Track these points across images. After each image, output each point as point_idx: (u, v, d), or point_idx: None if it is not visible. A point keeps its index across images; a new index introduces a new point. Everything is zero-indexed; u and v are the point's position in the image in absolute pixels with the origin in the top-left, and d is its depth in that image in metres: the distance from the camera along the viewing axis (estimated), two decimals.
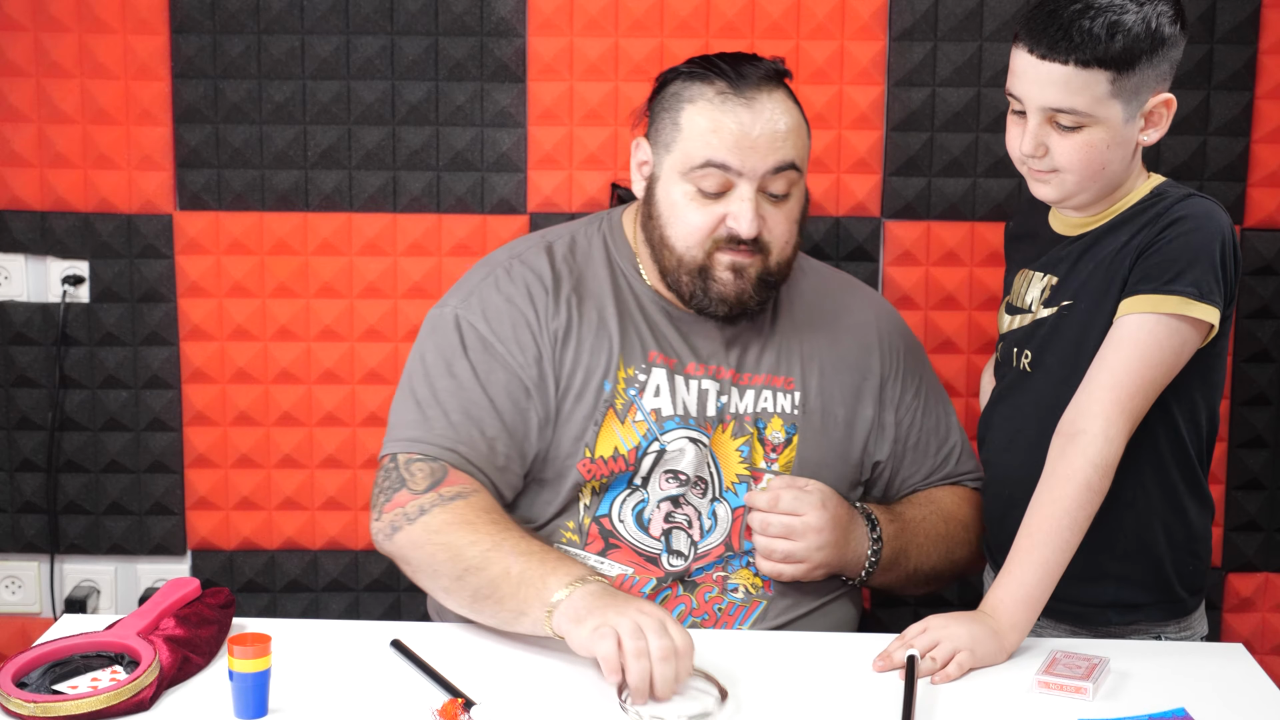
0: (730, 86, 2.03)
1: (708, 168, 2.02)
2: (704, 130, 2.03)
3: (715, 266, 2.06)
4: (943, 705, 1.78)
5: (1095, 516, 1.90)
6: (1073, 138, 1.93)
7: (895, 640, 1.88)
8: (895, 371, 2.21)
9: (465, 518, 1.96)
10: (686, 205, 2.05)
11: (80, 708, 1.70)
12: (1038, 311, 2.05)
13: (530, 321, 2.09)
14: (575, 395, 2.08)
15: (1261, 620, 2.79)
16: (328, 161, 2.67)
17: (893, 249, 2.70)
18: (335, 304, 2.71)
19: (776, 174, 2.03)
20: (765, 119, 2.02)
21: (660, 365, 2.11)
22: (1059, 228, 2.08)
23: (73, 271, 2.70)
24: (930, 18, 2.62)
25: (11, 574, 2.81)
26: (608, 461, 2.08)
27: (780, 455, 2.12)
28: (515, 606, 1.89)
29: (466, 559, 1.93)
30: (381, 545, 2.05)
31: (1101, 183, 1.97)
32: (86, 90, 2.64)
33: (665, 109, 2.09)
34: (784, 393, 2.14)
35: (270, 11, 2.61)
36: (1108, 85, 1.89)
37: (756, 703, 1.79)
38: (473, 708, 1.73)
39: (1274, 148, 2.65)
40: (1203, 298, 1.89)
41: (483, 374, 2.07)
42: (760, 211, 2.03)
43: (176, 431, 2.74)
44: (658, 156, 2.09)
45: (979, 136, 2.65)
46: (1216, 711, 1.77)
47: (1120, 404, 1.89)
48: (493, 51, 2.63)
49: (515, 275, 2.14)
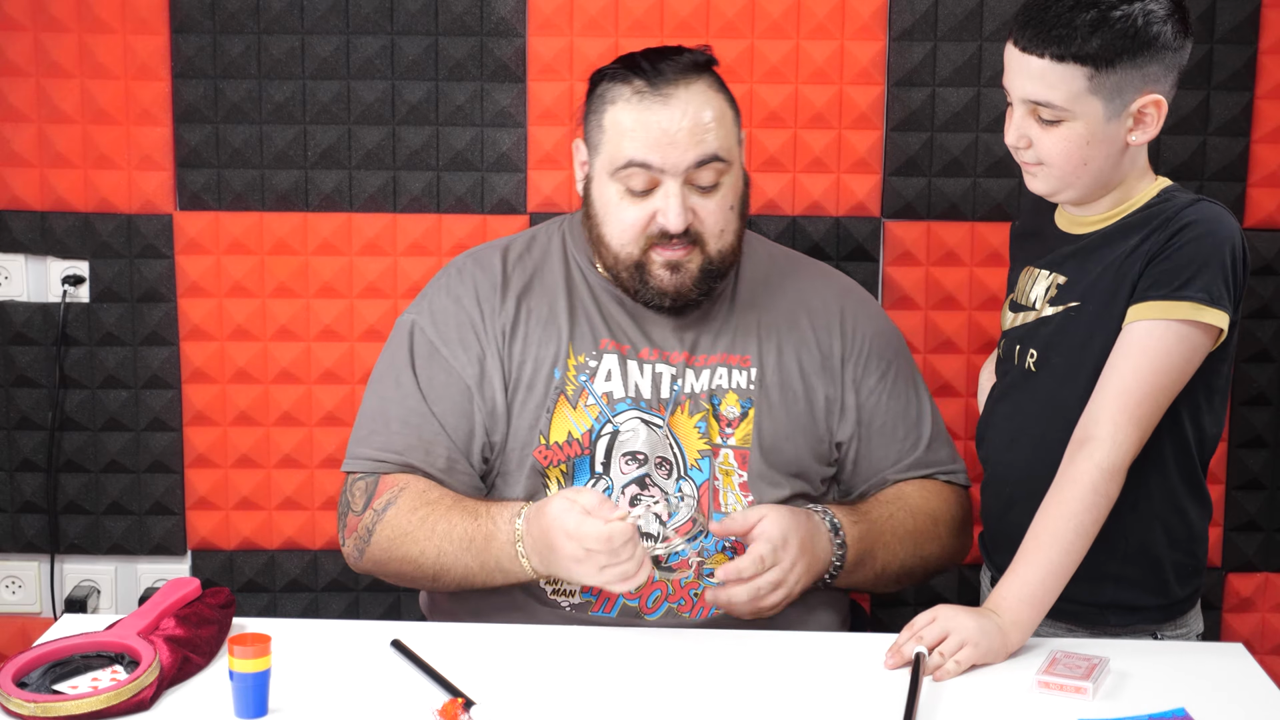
0: (647, 84, 2.06)
1: (631, 167, 2.06)
2: (625, 130, 2.06)
3: (651, 264, 2.10)
4: (943, 705, 1.78)
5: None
6: (1053, 131, 1.94)
7: (904, 631, 1.89)
8: (858, 353, 2.22)
9: (400, 528, 2.08)
10: (618, 204, 2.09)
11: (80, 708, 1.70)
12: (1042, 309, 2.06)
13: (475, 321, 2.16)
14: (526, 386, 2.14)
15: (1261, 620, 2.79)
16: (328, 161, 2.67)
17: (893, 249, 2.70)
18: (335, 304, 2.71)
19: (700, 167, 2.06)
20: (683, 114, 2.05)
21: (612, 351, 2.15)
22: (1065, 226, 2.08)
23: (73, 271, 2.70)
24: (930, 18, 2.62)
25: (11, 574, 2.81)
26: (562, 446, 2.12)
27: (736, 429, 2.15)
28: (495, 578, 2.06)
29: (426, 568, 2.08)
30: (356, 568, 2.18)
31: (1087, 179, 1.97)
32: (86, 90, 2.64)
33: (593, 111, 2.13)
34: (739, 369, 2.17)
35: (270, 11, 2.61)
36: (1085, 81, 1.90)
37: (757, 703, 1.79)
38: (473, 708, 1.73)
39: (1274, 148, 2.65)
40: (1213, 303, 1.90)
41: (424, 381, 2.15)
42: (689, 204, 2.06)
43: (176, 431, 2.74)
44: (591, 157, 2.14)
45: (979, 136, 2.65)
46: (1216, 711, 1.77)
47: (1128, 410, 1.90)
48: (493, 51, 2.63)
49: (466, 275, 2.21)
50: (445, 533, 2.05)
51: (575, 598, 2.09)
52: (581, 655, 1.92)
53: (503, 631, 2.00)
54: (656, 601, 2.09)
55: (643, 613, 2.09)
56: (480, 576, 2.06)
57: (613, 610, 2.09)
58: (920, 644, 1.85)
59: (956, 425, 2.74)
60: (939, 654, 1.85)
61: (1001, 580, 1.93)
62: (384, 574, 2.15)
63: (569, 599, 2.10)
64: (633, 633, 2.01)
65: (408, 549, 2.07)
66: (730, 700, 1.79)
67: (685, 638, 1.97)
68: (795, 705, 1.79)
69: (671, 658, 1.91)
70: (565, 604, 2.10)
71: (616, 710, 1.76)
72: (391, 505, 2.09)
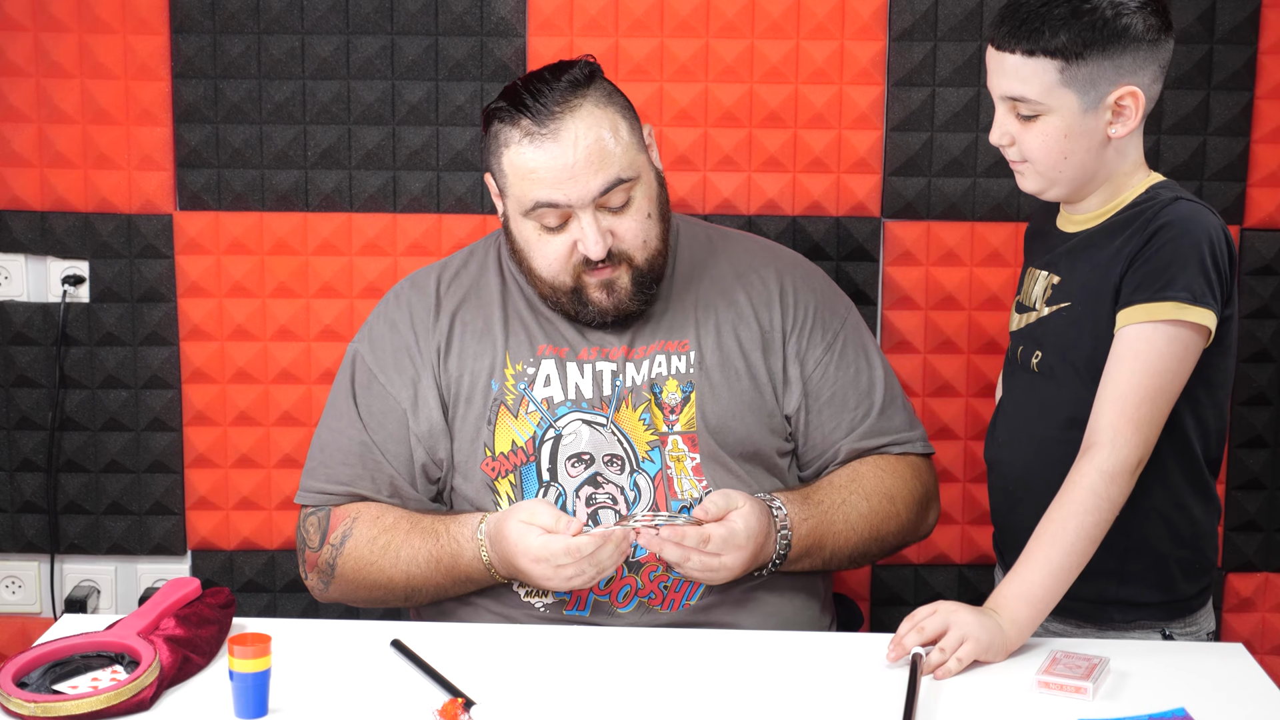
0: (534, 122, 2.05)
1: (540, 208, 2.07)
2: (524, 174, 2.06)
3: (586, 288, 2.12)
4: (943, 705, 1.78)
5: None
6: (1032, 127, 1.96)
7: (905, 622, 1.89)
8: (800, 325, 2.22)
9: (362, 558, 2.13)
10: (538, 240, 2.11)
11: (80, 708, 1.70)
12: (1040, 309, 2.07)
13: (409, 345, 2.20)
14: (465, 400, 2.17)
15: (1261, 620, 2.79)
16: (328, 161, 2.67)
17: (893, 249, 2.70)
18: (335, 304, 2.71)
19: (607, 193, 2.06)
20: (574, 146, 2.04)
21: (549, 356, 2.17)
22: (1063, 225, 2.10)
23: (73, 271, 2.70)
24: (930, 18, 2.62)
25: (11, 574, 2.81)
26: (508, 456, 2.15)
27: (680, 415, 2.15)
28: (469, 588, 2.12)
29: (398, 591, 2.14)
30: (323, 599, 2.22)
31: (1070, 172, 1.99)
32: (86, 90, 2.64)
33: (492, 153, 2.12)
34: (678, 355, 2.18)
35: (270, 11, 2.61)
36: (1056, 74, 1.92)
37: (757, 703, 1.79)
38: (473, 708, 1.73)
39: (1274, 148, 2.65)
40: (1196, 301, 1.91)
41: (364, 410, 2.20)
42: (604, 228, 2.07)
43: (176, 431, 2.74)
44: (502, 195, 2.15)
45: (979, 136, 2.65)
46: (1216, 711, 1.77)
47: (1127, 414, 1.90)
48: (493, 51, 2.63)
49: (402, 300, 2.26)
50: (410, 557, 2.11)
51: (549, 598, 2.11)
52: (581, 655, 1.92)
53: (503, 631, 2.01)
54: (627, 596, 2.11)
55: (614, 607, 2.10)
56: (453, 590, 2.13)
57: (585, 608, 2.10)
58: (921, 635, 1.86)
59: (956, 425, 2.74)
60: (939, 650, 1.85)
61: (1004, 580, 1.93)
62: (354, 601, 2.21)
63: (542, 599, 2.11)
64: (632, 633, 2.01)
65: (374, 577, 2.13)
66: (730, 700, 1.79)
67: (685, 638, 1.97)
68: (795, 705, 1.79)
69: (671, 658, 1.91)
70: (539, 604, 2.11)
71: (616, 710, 1.76)
72: (349, 538, 2.14)
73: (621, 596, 2.10)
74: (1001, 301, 2.70)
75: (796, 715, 1.76)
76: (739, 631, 2.03)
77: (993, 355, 2.72)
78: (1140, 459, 1.92)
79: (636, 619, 2.10)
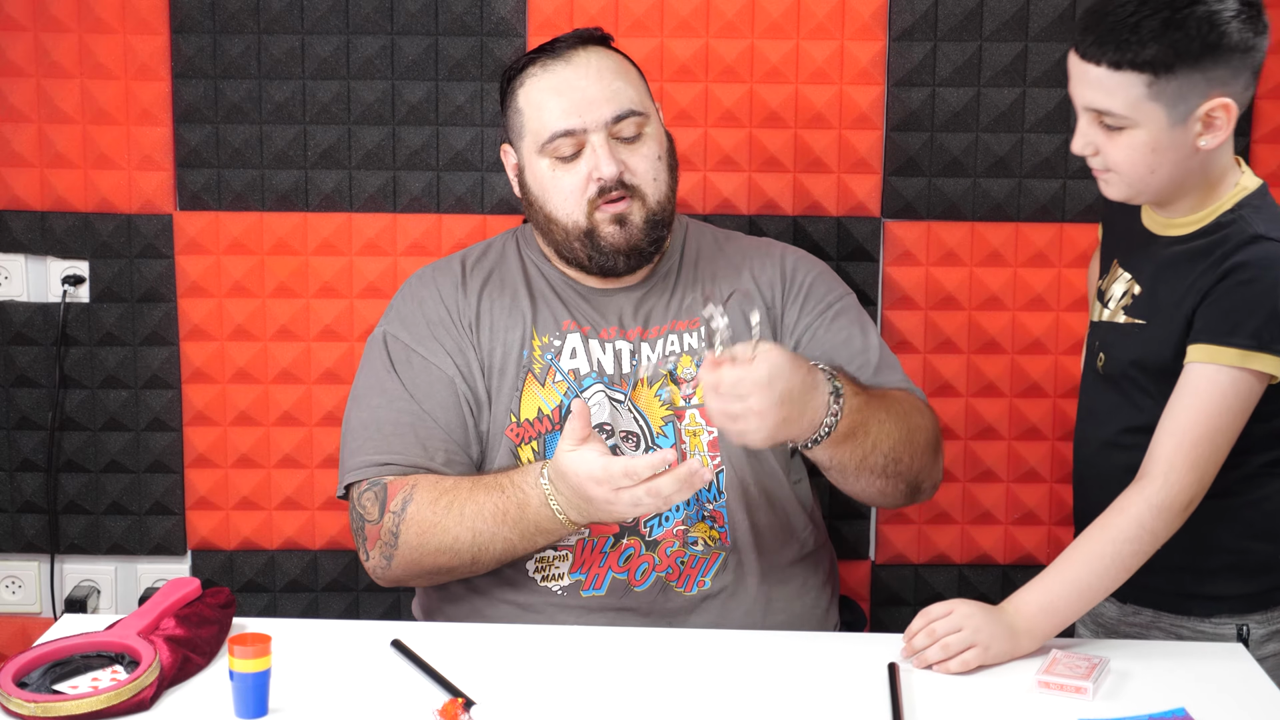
0: (549, 56, 2.17)
1: (556, 139, 2.13)
2: (540, 103, 2.15)
3: (599, 225, 2.15)
4: (942, 705, 1.78)
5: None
6: (1118, 139, 1.90)
7: (918, 618, 1.89)
8: (796, 292, 2.25)
9: (426, 521, 2.07)
10: (552, 176, 2.15)
11: (81, 708, 1.70)
12: (1116, 314, 2.05)
13: (443, 318, 2.21)
14: (499, 371, 2.18)
15: None
16: (328, 161, 2.67)
17: (893, 249, 2.70)
18: (335, 304, 2.71)
19: (619, 122, 2.13)
20: (587, 70, 2.15)
21: (574, 331, 2.20)
22: (1149, 223, 2.04)
23: (73, 271, 2.70)
24: (930, 18, 2.62)
25: (11, 574, 2.81)
26: (533, 423, 2.16)
27: (696, 389, 2.16)
28: (537, 541, 2.06)
29: (464, 552, 2.06)
30: (385, 578, 2.15)
31: (1157, 184, 1.93)
32: (86, 90, 2.64)
33: (508, 104, 2.21)
34: (690, 332, 2.21)
35: (270, 11, 2.62)
36: (1144, 89, 1.85)
37: (756, 703, 1.79)
38: (473, 708, 1.73)
39: (1274, 148, 2.65)
40: (1262, 347, 1.88)
41: (409, 383, 2.18)
42: (617, 155, 2.13)
43: (176, 431, 2.74)
44: (518, 148, 2.20)
45: (979, 136, 2.65)
46: (1216, 711, 1.77)
47: (1183, 450, 1.89)
48: (493, 51, 2.63)
49: (426, 280, 2.27)
50: (475, 513, 2.05)
51: (565, 580, 2.11)
52: (581, 655, 1.92)
53: (503, 631, 2.01)
54: (644, 574, 2.12)
55: (632, 585, 2.11)
56: (521, 545, 2.06)
57: (602, 587, 2.10)
58: (931, 637, 1.86)
59: (956, 425, 2.74)
60: (942, 647, 1.85)
61: (1029, 583, 1.92)
62: (417, 573, 2.12)
63: (559, 582, 2.11)
64: (632, 633, 2.01)
65: (440, 539, 2.06)
66: (729, 700, 1.79)
67: (684, 638, 1.98)
68: (795, 705, 1.79)
69: (671, 658, 1.91)
70: (556, 588, 2.11)
71: (616, 710, 1.77)
72: (410, 503, 2.08)
73: (639, 574, 2.11)
74: (1001, 301, 2.70)
75: (797, 715, 1.77)
76: (739, 631, 2.04)
77: (993, 355, 2.72)
78: (1192, 498, 1.90)
79: (653, 598, 2.11)
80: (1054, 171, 2.66)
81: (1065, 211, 2.67)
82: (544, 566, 2.12)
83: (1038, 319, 2.71)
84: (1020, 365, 2.73)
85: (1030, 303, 2.71)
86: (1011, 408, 2.74)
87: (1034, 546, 2.78)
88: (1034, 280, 2.70)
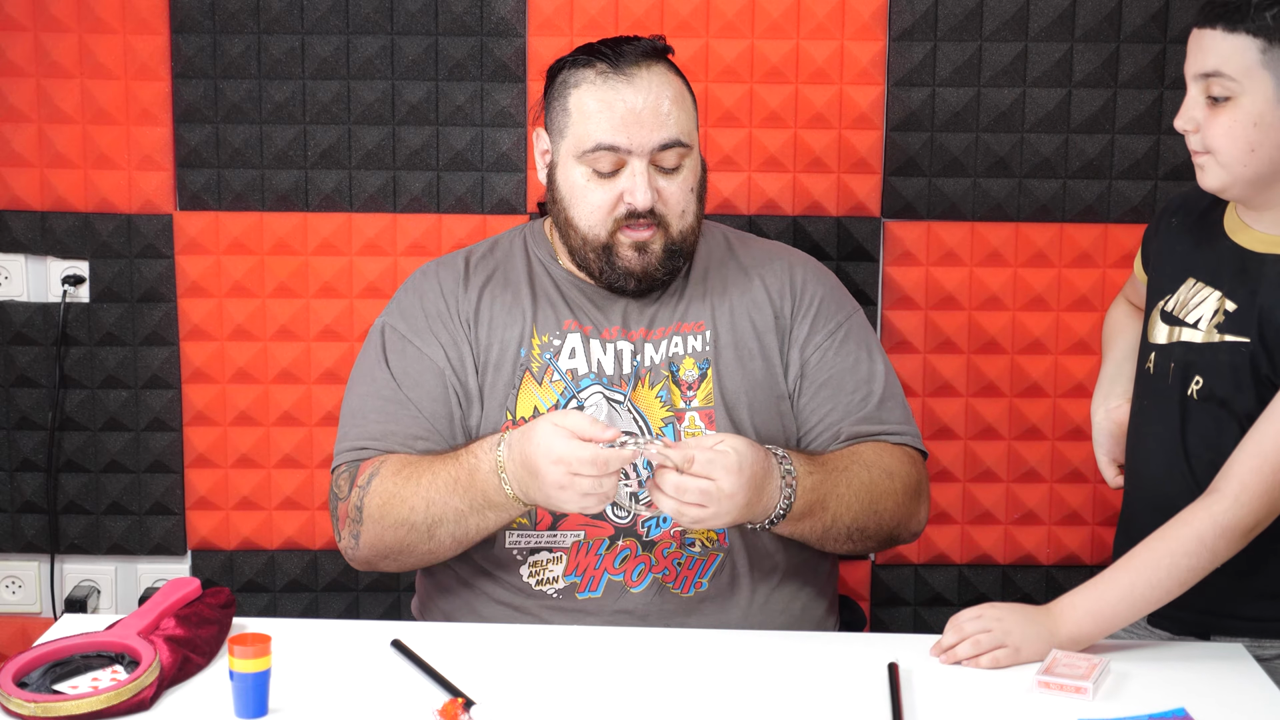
0: (610, 66, 2.11)
1: (599, 151, 2.10)
2: (591, 113, 2.10)
3: (618, 245, 2.14)
4: (944, 704, 1.78)
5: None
6: (1220, 114, 1.89)
7: (949, 631, 1.89)
8: (806, 308, 2.24)
9: (387, 493, 2.07)
10: (585, 186, 2.13)
11: (81, 708, 1.70)
12: (1209, 334, 1.96)
13: (441, 312, 2.21)
14: (494, 367, 2.17)
15: None
16: (328, 161, 2.67)
17: (893, 249, 2.70)
18: (335, 304, 2.71)
19: (664, 150, 2.11)
20: (646, 94, 2.10)
21: (574, 331, 2.19)
22: (1236, 235, 1.99)
23: (73, 271, 2.70)
24: (930, 18, 2.62)
25: (11, 574, 2.81)
26: (529, 421, 2.12)
27: (698, 391, 2.16)
28: (488, 517, 2.04)
29: (420, 525, 2.06)
30: (356, 559, 2.14)
31: (1255, 168, 1.89)
32: (86, 90, 2.64)
33: (556, 97, 2.17)
34: (694, 335, 2.20)
35: (270, 11, 2.62)
36: (1257, 54, 1.85)
37: (756, 703, 1.79)
38: (473, 708, 1.73)
39: None
40: None
41: (398, 371, 2.18)
42: (654, 185, 2.11)
43: (176, 431, 2.74)
44: (555, 143, 2.17)
45: (979, 136, 2.65)
46: (1216, 711, 1.77)
47: (1260, 472, 1.84)
48: (493, 51, 2.64)
49: (429, 275, 2.26)
50: (430, 482, 2.05)
51: (559, 583, 2.11)
52: (581, 655, 1.92)
53: (503, 631, 2.01)
54: (641, 575, 2.11)
55: (629, 586, 2.10)
56: (472, 519, 2.03)
57: (598, 589, 2.10)
58: (961, 634, 1.86)
59: (956, 425, 2.74)
60: (973, 643, 1.85)
61: (1080, 587, 1.90)
62: (383, 551, 2.10)
63: (553, 585, 2.11)
64: (632, 633, 2.01)
65: (398, 511, 2.06)
66: (729, 700, 1.79)
67: (684, 638, 1.98)
68: (796, 705, 1.79)
69: (671, 658, 1.91)
70: (551, 591, 2.11)
71: (616, 710, 1.77)
72: (375, 476, 2.09)
73: (635, 575, 2.11)
74: (1001, 301, 2.70)
75: (796, 715, 1.77)
76: (739, 632, 2.03)
77: (993, 355, 2.72)
78: (1258, 523, 1.85)
79: (649, 600, 2.10)
80: (1054, 171, 2.66)
81: (1065, 211, 2.68)
82: (538, 570, 2.12)
83: (1038, 319, 2.71)
84: (1020, 365, 2.73)
85: (1030, 303, 2.71)
86: (1011, 408, 2.75)
87: (1034, 546, 2.78)
88: (1034, 280, 2.70)
